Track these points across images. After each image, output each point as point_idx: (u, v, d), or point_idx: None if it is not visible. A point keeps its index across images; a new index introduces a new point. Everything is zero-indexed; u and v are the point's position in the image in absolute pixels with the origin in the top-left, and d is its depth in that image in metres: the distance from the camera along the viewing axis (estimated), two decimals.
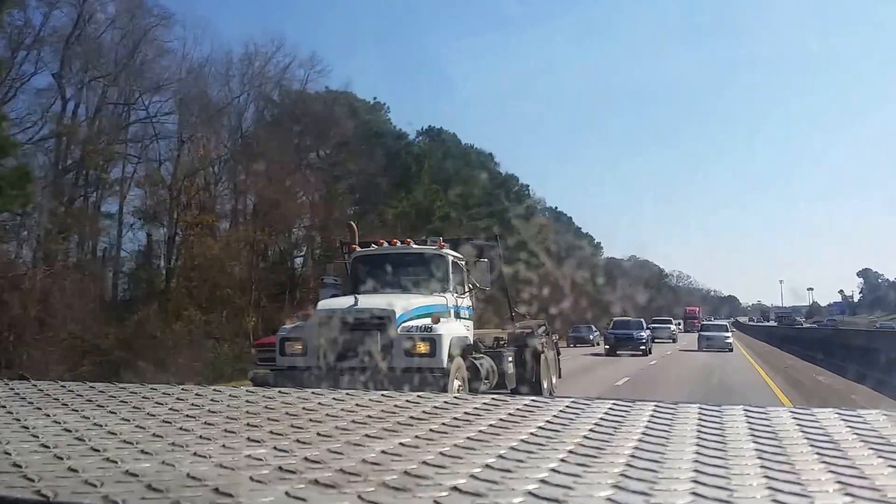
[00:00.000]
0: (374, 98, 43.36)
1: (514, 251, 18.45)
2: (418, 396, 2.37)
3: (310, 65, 38.09)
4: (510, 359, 14.77)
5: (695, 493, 1.22)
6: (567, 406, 2.13)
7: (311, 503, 1.17)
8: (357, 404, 2.22)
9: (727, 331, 44.93)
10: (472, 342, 13.75)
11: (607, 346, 38.47)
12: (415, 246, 14.61)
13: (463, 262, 14.54)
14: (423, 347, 11.96)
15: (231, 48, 42.80)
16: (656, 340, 43.62)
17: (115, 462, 1.48)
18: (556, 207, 67.32)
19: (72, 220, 28.46)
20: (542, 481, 1.30)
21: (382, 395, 2.40)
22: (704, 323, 53.76)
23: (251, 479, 1.34)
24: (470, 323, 14.41)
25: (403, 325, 12.27)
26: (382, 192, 34.52)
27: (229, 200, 34.81)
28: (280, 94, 37.06)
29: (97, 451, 1.60)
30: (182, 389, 2.55)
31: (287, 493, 1.23)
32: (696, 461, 1.46)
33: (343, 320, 12.26)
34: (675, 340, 51.65)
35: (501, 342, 15.27)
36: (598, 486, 1.27)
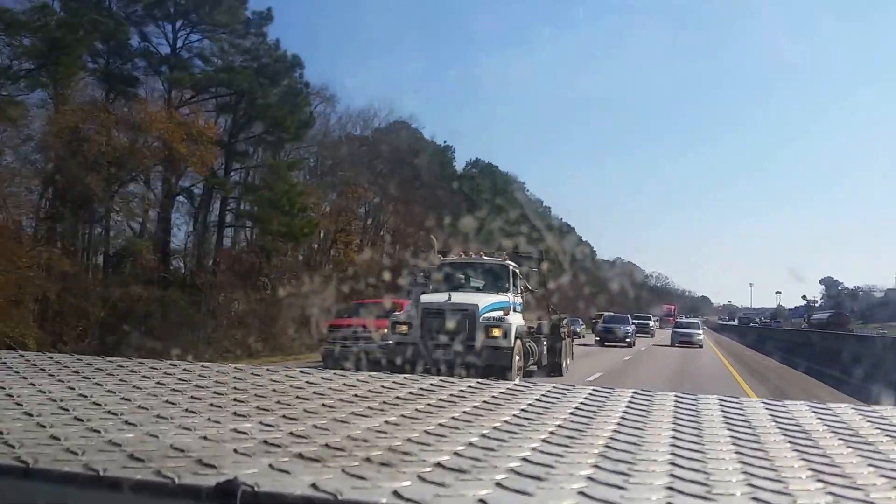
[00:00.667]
0: (445, 142, 55.93)
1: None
2: (404, 378, 2.35)
3: (411, 121, 50.02)
4: (545, 343, 18.93)
5: (672, 475, 1.21)
6: (548, 391, 2.13)
7: (294, 476, 1.15)
8: (345, 384, 2.20)
9: (699, 328, 46.76)
10: (525, 330, 17.69)
11: (597, 338, 40.65)
12: (486, 257, 18.74)
13: (518, 270, 18.53)
14: (497, 332, 16.02)
15: (351, 108, 51.38)
16: (637, 334, 45.65)
17: (98, 432, 1.45)
18: (562, 218, 75.24)
19: None
20: (525, 460, 1.29)
21: (370, 375, 2.38)
22: (678, 321, 55.31)
23: (235, 451, 1.31)
24: (521, 315, 17.98)
25: (484, 315, 16.20)
26: (449, 213, 40.97)
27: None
28: (386, 144, 46.02)
29: (80, 420, 1.57)
30: (170, 364, 2.51)
31: (271, 466, 1.20)
32: (673, 445, 1.46)
33: (441, 309, 16.18)
34: (652, 335, 54.42)
35: (538, 330, 19.09)
36: (578, 466, 1.26)
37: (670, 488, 1.14)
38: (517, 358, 16.27)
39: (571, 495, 1.08)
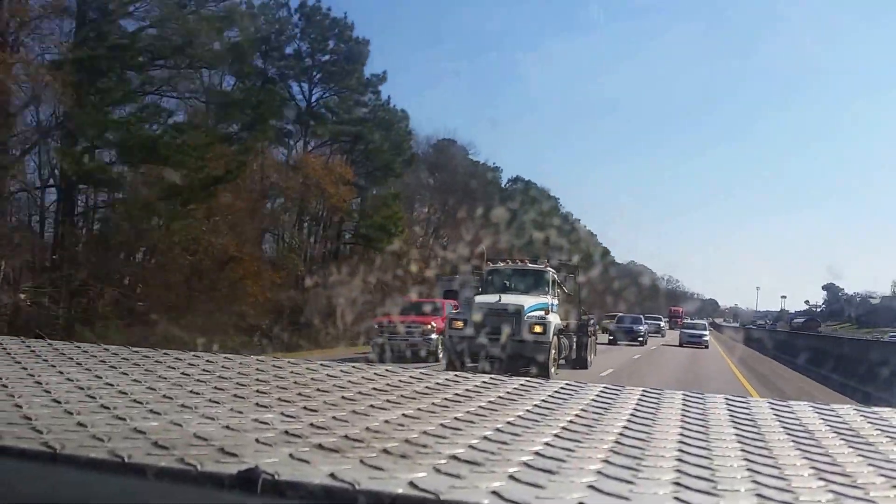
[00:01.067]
0: (494, 163, 61.19)
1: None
2: (421, 373, 2.35)
3: (470, 146, 56.56)
4: (574, 339, 21.34)
5: (679, 471, 1.22)
6: (561, 388, 2.13)
7: (314, 466, 1.15)
8: (364, 377, 2.20)
9: (706, 330, 47.54)
10: (561, 327, 19.85)
11: (611, 337, 41.57)
12: (529, 264, 21.38)
13: (556, 275, 20.94)
14: (539, 328, 18.17)
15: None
16: (649, 334, 47.55)
17: (124, 419, 1.45)
18: (586, 225, 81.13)
19: None
20: (537, 454, 1.30)
21: (387, 369, 2.38)
22: (686, 321, 55.91)
23: (257, 440, 1.32)
24: (557, 315, 20.06)
25: (529, 314, 18.40)
26: (495, 223, 45.01)
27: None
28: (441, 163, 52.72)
29: (107, 408, 1.57)
30: (194, 355, 2.51)
31: (291, 456, 1.21)
32: (681, 442, 1.46)
33: (492, 308, 18.47)
34: (663, 335, 56.35)
35: (568, 328, 21.21)
36: (588, 460, 1.26)
37: (677, 483, 1.14)
38: (553, 351, 18.54)
39: (581, 488, 1.09)
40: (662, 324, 61.39)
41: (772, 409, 1.95)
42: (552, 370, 18.15)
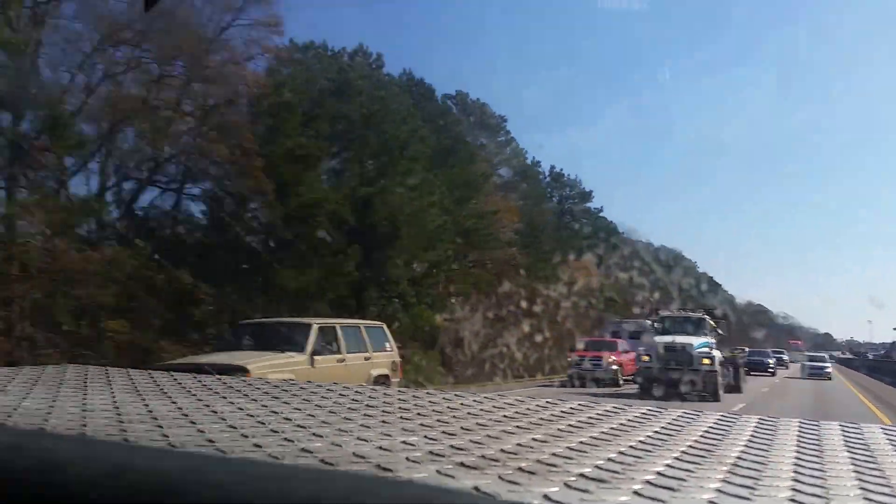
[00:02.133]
0: (601, 208, 62.69)
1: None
2: (547, 402, 2.41)
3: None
4: (730, 369, 24.57)
5: (795, 490, 1.23)
6: (679, 416, 2.14)
7: (458, 480, 1.24)
8: (494, 406, 2.28)
9: (827, 362, 47.49)
10: (721, 360, 23.21)
11: (746, 369, 40.66)
12: (692, 313, 25.60)
13: (712, 321, 25.04)
14: (707, 361, 21.57)
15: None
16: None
17: (292, 441, 1.59)
18: (713, 277, 79.05)
19: None
20: (659, 474, 1.34)
21: (516, 399, 2.45)
22: (808, 355, 54.64)
23: (407, 459, 1.41)
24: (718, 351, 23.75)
25: (698, 350, 21.81)
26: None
27: None
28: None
29: (276, 432, 1.71)
30: (344, 387, 2.66)
31: (438, 472, 1.30)
32: (795, 471, 1.45)
33: (670, 346, 22.05)
34: (787, 367, 56.00)
35: (726, 361, 24.45)
36: (707, 480, 1.30)
37: (793, 501, 1.17)
38: (720, 378, 21.80)
39: None
40: (785, 357, 60.81)
41: (885, 434, 1.92)
42: (720, 393, 21.40)
